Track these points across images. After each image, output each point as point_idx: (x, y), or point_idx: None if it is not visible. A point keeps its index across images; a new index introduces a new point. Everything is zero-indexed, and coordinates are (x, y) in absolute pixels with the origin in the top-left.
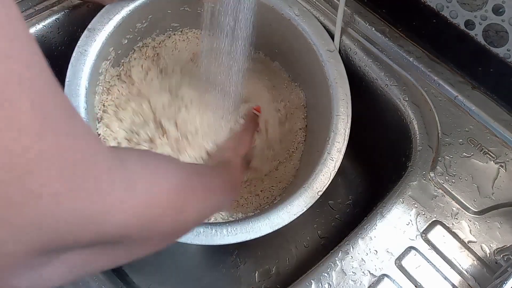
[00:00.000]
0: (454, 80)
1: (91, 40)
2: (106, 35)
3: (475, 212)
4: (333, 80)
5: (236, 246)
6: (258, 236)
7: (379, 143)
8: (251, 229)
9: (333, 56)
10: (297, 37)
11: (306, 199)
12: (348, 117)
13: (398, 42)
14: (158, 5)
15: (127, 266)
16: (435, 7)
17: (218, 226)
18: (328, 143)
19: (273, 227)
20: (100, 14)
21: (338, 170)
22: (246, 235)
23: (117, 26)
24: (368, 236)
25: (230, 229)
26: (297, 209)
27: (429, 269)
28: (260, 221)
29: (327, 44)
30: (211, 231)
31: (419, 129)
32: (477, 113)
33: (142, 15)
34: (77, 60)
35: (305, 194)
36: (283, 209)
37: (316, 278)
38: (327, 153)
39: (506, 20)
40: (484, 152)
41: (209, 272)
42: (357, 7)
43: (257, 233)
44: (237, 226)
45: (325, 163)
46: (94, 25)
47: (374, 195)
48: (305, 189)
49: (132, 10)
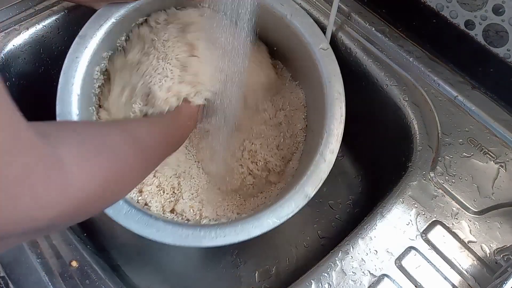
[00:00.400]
0: (454, 80)
1: (83, 47)
2: (97, 41)
3: (475, 212)
4: (326, 79)
5: (236, 246)
6: (246, 239)
7: (379, 143)
8: (240, 231)
9: (327, 54)
10: (290, 36)
11: (297, 201)
12: (342, 117)
13: (398, 42)
14: (150, 8)
15: (127, 266)
16: (435, 7)
17: (207, 228)
18: (321, 144)
19: (262, 229)
20: (91, 20)
21: (338, 170)
22: (235, 237)
23: (107, 32)
24: (368, 236)
25: (219, 232)
26: (287, 211)
27: (429, 269)
28: (249, 224)
29: (320, 42)
30: (199, 233)
31: (419, 129)
32: (477, 113)
33: (133, 19)
34: (69, 67)
35: (295, 196)
36: (274, 211)
37: (316, 278)
38: (319, 154)
39: (506, 20)
40: (484, 152)
41: (209, 272)
42: (357, 7)
43: (246, 235)
44: (225, 228)
45: (317, 164)
46: (85, 31)
47: (374, 195)
48: (296, 191)
49: (122, 15)
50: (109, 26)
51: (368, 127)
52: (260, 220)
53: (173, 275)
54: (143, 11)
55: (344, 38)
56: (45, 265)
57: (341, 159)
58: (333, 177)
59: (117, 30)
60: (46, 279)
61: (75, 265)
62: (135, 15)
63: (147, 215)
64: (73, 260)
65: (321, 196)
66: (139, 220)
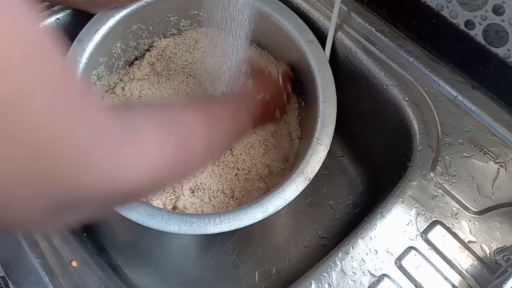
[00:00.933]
0: (454, 80)
1: (80, 49)
2: (94, 45)
3: (475, 212)
4: (315, 68)
5: (236, 246)
6: (252, 223)
7: (379, 143)
8: (244, 216)
9: (314, 45)
10: (278, 32)
11: (298, 185)
12: (334, 101)
13: (398, 42)
14: (146, 13)
15: (127, 266)
16: (435, 7)
17: (211, 216)
18: (316, 129)
19: (267, 213)
20: (88, 25)
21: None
22: (240, 222)
23: (104, 36)
24: (368, 236)
25: (224, 218)
26: (289, 194)
27: (429, 269)
28: (253, 208)
29: (307, 36)
30: (204, 220)
31: (419, 129)
32: (477, 113)
33: (129, 24)
34: None
35: (296, 180)
36: (276, 195)
37: (316, 278)
38: (315, 138)
39: (506, 20)
40: (484, 152)
41: (209, 272)
42: (356, 6)
43: (251, 219)
44: (229, 214)
45: (315, 147)
46: (83, 35)
47: (374, 195)
48: (297, 175)
49: (118, 21)
50: (106, 31)
51: (368, 127)
52: (264, 204)
53: (173, 275)
54: (138, 16)
55: (344, 38)
56: (45, 265)
57: (341, 159)
58: (333, 177)
59: (112, 36)
60: (46, 279)
61: (75, 265)
62: (131, 21)
63: (150, 206)
64: (73, 260)
65: (321, 196)
66: (142, 211)
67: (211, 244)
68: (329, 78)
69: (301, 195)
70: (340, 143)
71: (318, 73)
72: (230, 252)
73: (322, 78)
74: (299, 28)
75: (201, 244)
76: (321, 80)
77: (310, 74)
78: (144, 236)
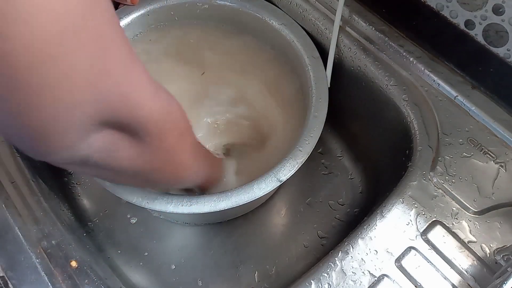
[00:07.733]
0: (454, 80)
1: None
2: None
3: (475, 212)
4: (303, 52)
5: (236, 246)
6: (252, 200)
7: (379, 143)
8: (244, 193)
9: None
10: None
11: (297, 159)
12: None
13: (398, 42)
14: (143, 21)
15: (127, 266)
16: (435, 7)
17: (210, 196)
18: (311, 108)
19: (266, 189)
20: None
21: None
22: (239, 199)
23: None
24: (368, 236)
25: (222, 196)
26: (289, 169)
27: (429, 269)
28: (252, 186)
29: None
30: (202, 200)
31: (419, 129)
32: (477, 113)
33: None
34: None
35: (295, 154)
36: (276, 172)
37: (316, 278)
38: (312, 115)
39: (506, 20)
40: (484, 152)
41: (209, 272)
42: (356, 6)
43: (251, 196)
44: (228, 192)
45: (311, 124)
46: None
47: (374, 195)
48: (295, 151)
49: None
50: None
51: (368, 127)
52: (263, 182)
53: (173, 275)
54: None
55: (344, 38)
56: (45, 265)
57: (341, 159)
58: (333, 177)
59: None
60: (46, 279)
61: (75, 265)
62: None
63: (145, 190)
64: (73, 260)
65: (321, 196)
66: (137, 192)
67: (211, 244)
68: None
69: (301, 195)
70: (340, 143)
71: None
72: (230, 252)
73: (311, 58)
74: (305, 45)
75: (201, 244)
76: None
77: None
78: (144, 236)
